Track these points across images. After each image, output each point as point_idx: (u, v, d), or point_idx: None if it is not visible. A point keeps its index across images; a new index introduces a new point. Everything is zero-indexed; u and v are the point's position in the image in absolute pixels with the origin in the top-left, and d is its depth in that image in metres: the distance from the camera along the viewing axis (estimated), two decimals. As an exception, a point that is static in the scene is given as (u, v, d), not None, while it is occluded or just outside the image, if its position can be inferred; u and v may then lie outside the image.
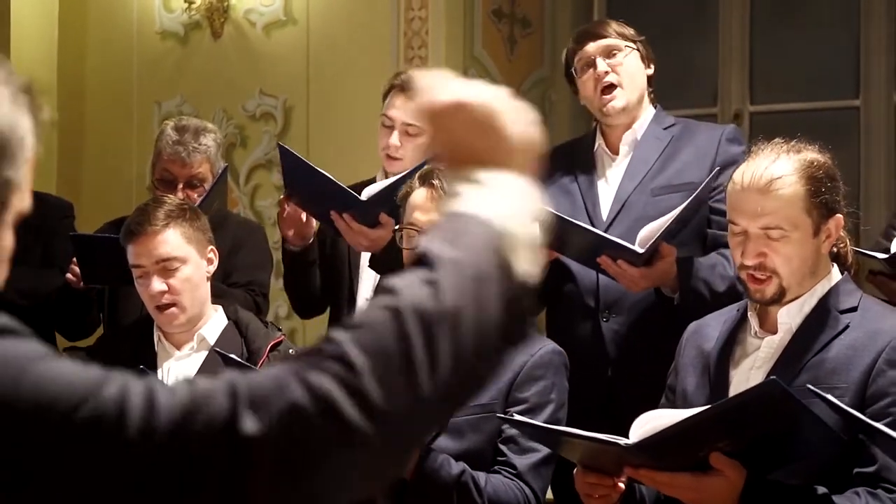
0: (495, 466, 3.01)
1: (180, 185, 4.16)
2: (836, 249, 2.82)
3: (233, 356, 3.06)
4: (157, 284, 3.38)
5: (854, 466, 2.57)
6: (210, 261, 3.49)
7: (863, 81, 5.90)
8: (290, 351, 3.43)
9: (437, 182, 3.08)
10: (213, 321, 3.49)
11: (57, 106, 6.33)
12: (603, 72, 3.69)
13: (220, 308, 3.54)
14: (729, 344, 2.83)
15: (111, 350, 3.56)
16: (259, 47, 6.12)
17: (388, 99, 3.91)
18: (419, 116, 1.46)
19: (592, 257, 3.45)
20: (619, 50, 3.70)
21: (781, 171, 2.71)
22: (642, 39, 3.77)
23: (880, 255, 3.27)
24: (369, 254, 3.70)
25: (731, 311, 2.93)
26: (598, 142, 3.79)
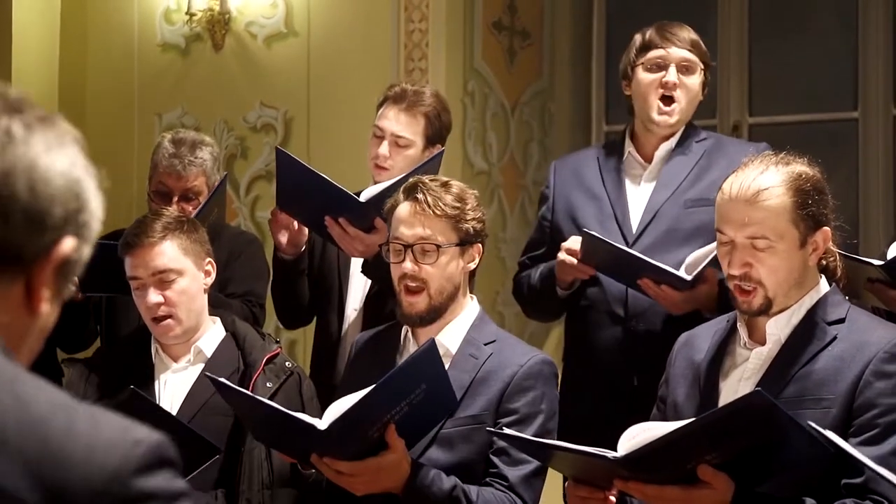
0: (487, 478, 3.01)
1: (175, 198, 4.16)
2: (825, 263, 2.83)
3: (223, 380, 3.05)
4: (153, 296, 3.39)
5: (842, 477, 2.58)
6: (208, 273, 3.49)
7: (861, 93, 5.91)
8: (287, 364, 3.43)
9: (421, 196, 3.10)
10: (211, 333, 3.49)
11: (58, 118, 6.36)
12: (673, 83, 3.67)
13: (217, 320, 3.54)
14: (719, 355, 2.85)
15: (109, 362, 3.56)
16: (260, 59, 6.14)
17: (380, 110, 3.93)
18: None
19: (633, 278, 3.47)
20: (694, 69, 3.69)
21: (769, 182, 2.73)
22: (712, 65, 3.77)
23: (876, 261, 3.28)
24: (361, 260, 3.71)
25: (720, 322, 2.95)
26: (629, 148, 3.78)
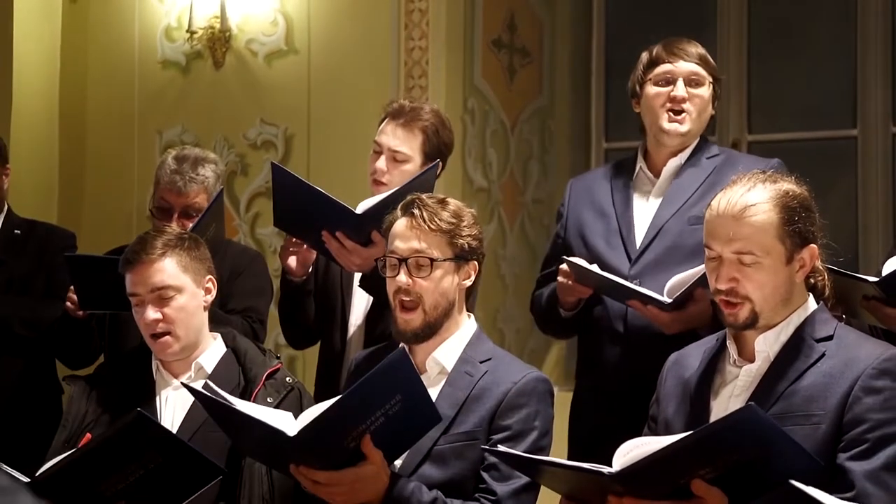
0: (476, 494, 3.01)
1: (176, 215, 4.18)
2: (813, 281, 2.86)
3: (218, 399, 3.05)
4: (152, 313, 3.40)
5: (833, 492, 2.58)
6: (208, 290, 3.49)
7: (860, 112, 5.93)
8: (287, 379, 3.44)
9: (417, 211, 3.12)
10: (211, 350, 3.49)
11: (59, 135, 6.38)
12: (681, 97, 3.67)
13: (218, 336, 3.54)
14: (709, 373, 2.87)
15: (110, 378, 3.57)
16: (260, 76, 6.16)
17: (380, 125, 3.95)
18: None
19: (623, 299, 3.51)
20: (702, 82, 3.69)
21: (756, 198, 2.77)
22: (721, 78, 3.78)
23: (871, 278, 3.29)
24: (360, 274, 3.72)
25: (710, 340, 2.97)
26: (640, 164, 3.78)
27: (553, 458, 2.76)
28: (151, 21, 6.39)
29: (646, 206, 3.74)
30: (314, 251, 3.86)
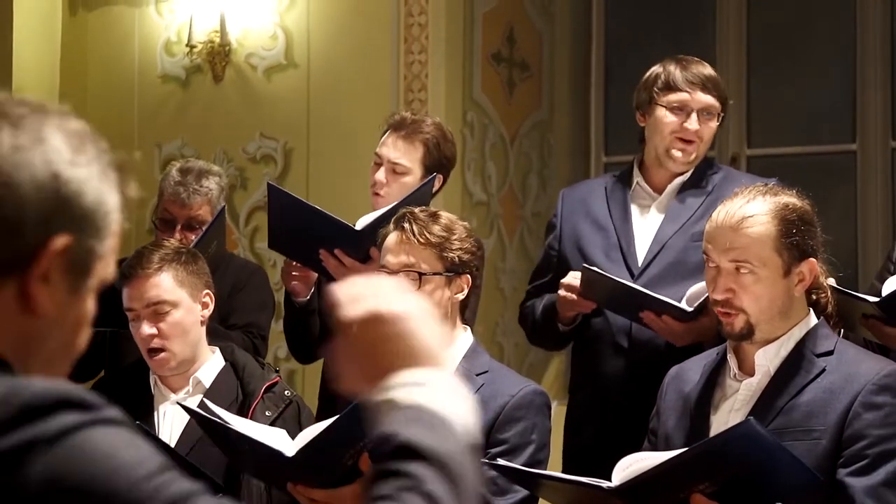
0: None
1: (178, 226, 4.18)
2: (815, 298, 2.86)
3: (215, 419, 3.04)
4: (147, 328, 3.38)
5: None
6: (205, 305, 3.47)
7: (859, 126, 5.93)
8: (286, 393, 3.43)
9: (407, 226, 3.12)
10: (210, 364, 3.48)
11: (59, 148, 6.38)
12: (694, 130, 3.62)
13: (217, 350, 3.53)
14: (709, 387, 2.87)
15: (109, 393, 3.55)
16: (260, 90, 6.17)
17: (382, 137, 3.94)
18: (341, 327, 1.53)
19: (635, 311, 3.45)
20: (714, 113, 3.66)
21: (754, 210, 2.79)
22: (730, 102, 3.77)
23: (871, 298, 3.29)
24: None
25: (710, 354, 2.97)
26: (637, 179, 3.75)
27: (553, 472, 2.76)
28: (151, 35, 6.39)
29: (645, 221, 3.72)
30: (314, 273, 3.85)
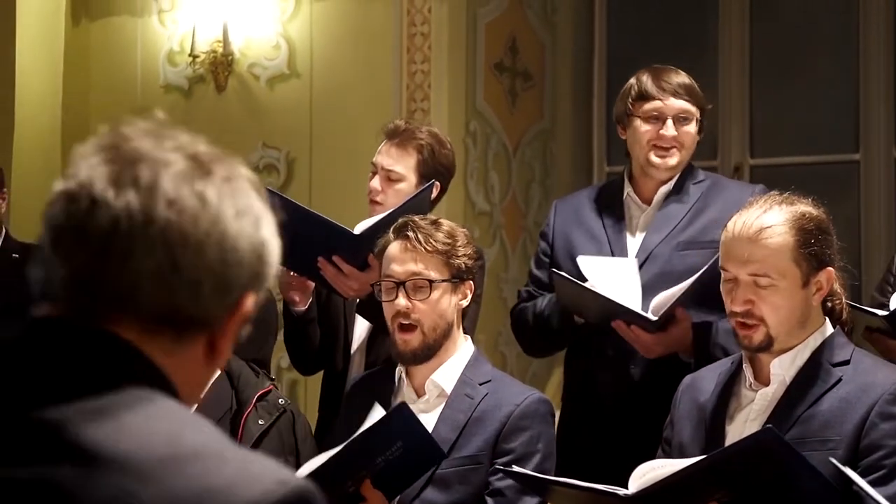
0: None
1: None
2: (830, 305, 2.85)
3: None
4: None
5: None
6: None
7: (862, 135, 5.93)
8: (280, 401, 3.41)
9: (412, 234, 3.11)
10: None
11: (61, 160, 6.38)
12: (671, 136, 3.63)
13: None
14: (724, 396, 2.85)
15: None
16: (263, 100, 6.17)
17: (378, 147, 3.95)
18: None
19: (607, 320, 3.45)
20: (691, 118, 3.66)
21: (772, 221, 2.76)
22: (708, 108, 3.76)
23: (880, 311, 3.28)
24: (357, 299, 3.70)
25: (725, 363, 2.95)
26: (627, 189, 3.76)
27: (568, 480, 2.75)
28: (154, 45, 6.39)
29: (636, 232, 3.72)
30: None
